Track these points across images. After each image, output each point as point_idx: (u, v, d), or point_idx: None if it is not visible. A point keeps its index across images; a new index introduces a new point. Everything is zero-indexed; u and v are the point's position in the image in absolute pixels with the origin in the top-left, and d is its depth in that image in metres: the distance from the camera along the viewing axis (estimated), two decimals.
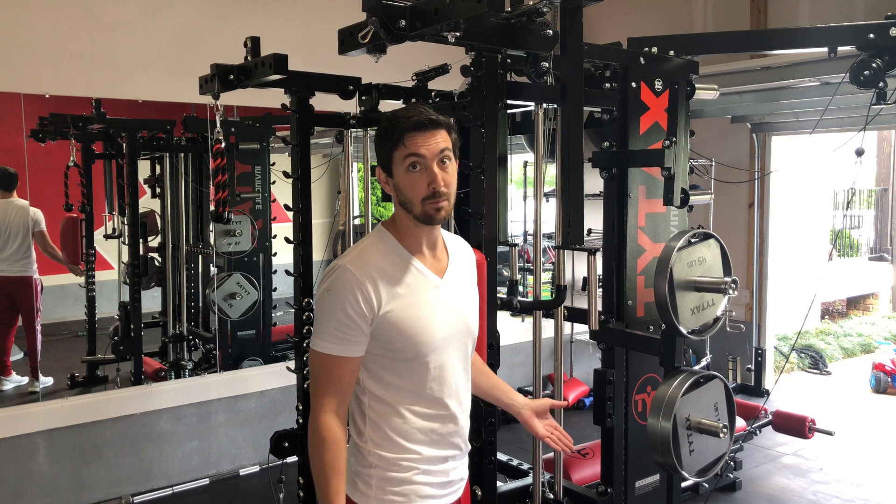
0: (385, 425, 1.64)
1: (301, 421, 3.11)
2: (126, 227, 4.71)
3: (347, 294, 1.56)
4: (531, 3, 2.20)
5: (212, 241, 4.99)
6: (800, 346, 7.30)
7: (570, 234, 2.18)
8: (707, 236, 2.39)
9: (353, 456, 1.68)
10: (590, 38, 2.39)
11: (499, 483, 2.88)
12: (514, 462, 3.36)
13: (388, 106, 3.32)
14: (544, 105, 2.80)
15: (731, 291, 2.30)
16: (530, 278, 6.12)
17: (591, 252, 2.59)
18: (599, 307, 2.72)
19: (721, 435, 2.26)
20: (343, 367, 1.59)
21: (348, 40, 2.28)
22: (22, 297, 4.46)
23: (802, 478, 4.31)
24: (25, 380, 4.44)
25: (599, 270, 2.75)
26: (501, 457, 3.26)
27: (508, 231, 3.14)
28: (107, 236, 4.78)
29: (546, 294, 3.96)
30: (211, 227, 5.02)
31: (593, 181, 2.74)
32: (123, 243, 4.76)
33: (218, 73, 2.88)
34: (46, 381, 4.44)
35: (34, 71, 3.93)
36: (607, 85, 2.90)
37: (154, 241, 5.09)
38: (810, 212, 9.14)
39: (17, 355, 4.53)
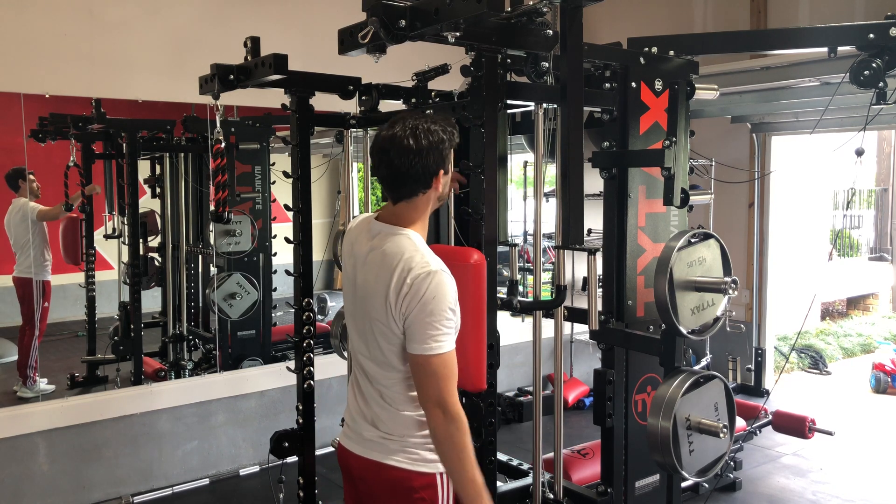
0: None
1: (301, 421, 3.11)
2: (126, 227, 4.71)
3: (453, 295, 1.82)
4: (531, 3, 2.20)
5: (212, 241, 4.99)
6: (800, 346, 7.30)
7: (570, 234, 2.18)
8: (707, 236, 2.39)
9: (415, 430, 1.87)
10: (590, 38, 2.39)
11: (499, 483, 2.88)
12: (514, 462, 3.36)
13: (388, 106, 3.33)
14: (544, 105, 2.79)
15: (731, 291, 2.30)
16: (530, 278, 6.12)
17: (591, 252, 2.59)
18: (599, 307, 2.72)
19: (721, 435, 2.27)
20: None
21: (348, 40, 2.28)
22: (21, 298, 4.47)
23: (802, 478, 4.31)
24: (52, 387, 4.42)
25: (599, 270, 2.74)
26: (501, 457, 3.26)
27: (508, 231, 3.14)
28: (107, 236, 4.78)
29: (546, 294, 3.96)
30: (211, 227, 5.02)
31: (593, 181, 2.73)
32: (123, 243, 4.76)
33: (218, 73, 2.88)
34: (47, 388, 4.40)
35: (34, 71, 3.92)
36: (607, 85, 2.90)
37: (154, 241, 5.09)
38: (810, 212, 9.14)
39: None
